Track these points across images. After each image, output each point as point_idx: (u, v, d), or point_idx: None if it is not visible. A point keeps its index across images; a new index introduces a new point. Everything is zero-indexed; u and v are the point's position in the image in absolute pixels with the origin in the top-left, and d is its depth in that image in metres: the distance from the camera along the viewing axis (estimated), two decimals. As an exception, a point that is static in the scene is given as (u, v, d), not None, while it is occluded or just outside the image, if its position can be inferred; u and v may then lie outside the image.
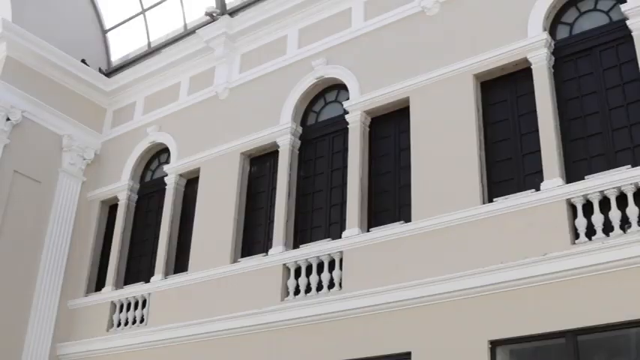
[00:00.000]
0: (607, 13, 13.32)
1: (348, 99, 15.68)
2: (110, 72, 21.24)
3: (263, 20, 17.78)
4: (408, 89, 14.76)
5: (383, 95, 15.11)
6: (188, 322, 15.86)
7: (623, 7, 12.67)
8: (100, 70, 20.97)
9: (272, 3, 17.59)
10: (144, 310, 17.08)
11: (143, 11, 21.22)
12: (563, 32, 13.70)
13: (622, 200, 11.63)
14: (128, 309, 17.52)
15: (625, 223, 11.47)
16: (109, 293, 17.89)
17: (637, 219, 11.34)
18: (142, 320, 17.05)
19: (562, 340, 11.44)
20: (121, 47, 21.90)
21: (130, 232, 18.89)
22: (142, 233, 18.78)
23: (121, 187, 19.20)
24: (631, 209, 11.42)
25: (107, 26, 22.11)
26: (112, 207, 19.62)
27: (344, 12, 16.59)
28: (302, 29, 17.24)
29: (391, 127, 15.21)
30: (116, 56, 21.86)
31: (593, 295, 11.27)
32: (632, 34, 12.52)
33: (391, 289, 13.21)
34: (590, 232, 11.73)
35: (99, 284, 18.63)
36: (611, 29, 13.10)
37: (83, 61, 20.36)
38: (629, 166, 11.73)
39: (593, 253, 11.40)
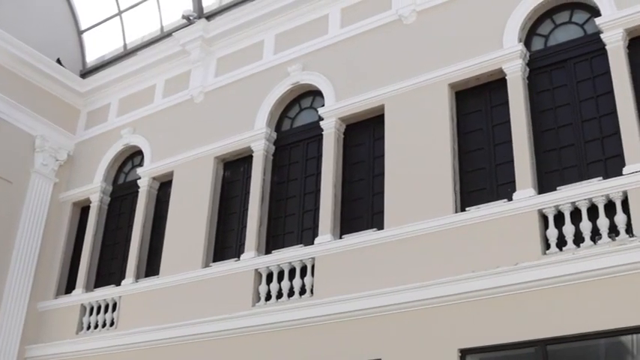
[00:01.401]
0: (582, 26, 13.44)
1: (323, 105, 15.70)
2: (85, 73, 21.15)
3: (240, 25, 17.76)
4: (384, 97, 14.80)
5: (358, 102, 15.14)
6: (158, 326, 15.79)
7: (598, 20, 12.79)
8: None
9: (249, 8, 17.57)
10: (114, 313, 16.97)
11: (120, 13, 21.15)
12: (538, 44, 13.79)
13: (593, 212, 11.72)
14: (98, 312, 17.40)
15: (595, 235, 11.57)
16: (79, 296, 17.76)
17: (607, 230, 11.45)
18: (111, 323, 16.92)
19: (532, 350, 11.50)
20: (96, 48, 21.79)
21: (102, 235, 18.77)
22: (114, 236, 18.66)
23: (94, 189, 19.07)
24: (601, 221, 11.52)
25: (83, 27, 22.02)
26: (84, 209, 19.49)
27: (321, 19, 16.61)
28: (278, 35, 17.24)
29: (366, 134, 15.24)
30: (91, 57, 21.77)
31: (563, 305, 11.34)
32: (606, 47, 12.65)
33: (362, 296, 13.22)
34: (561, 242, 11.81)
35: (69, 286, 18.49)
36: (585, 42, 13.22)
37: (58, 61, 20.24)
38: (601, 178, 11.84)
39: (563, 264, 11.48)
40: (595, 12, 13.13)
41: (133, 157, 19.33)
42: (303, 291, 14.30)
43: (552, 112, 13.12)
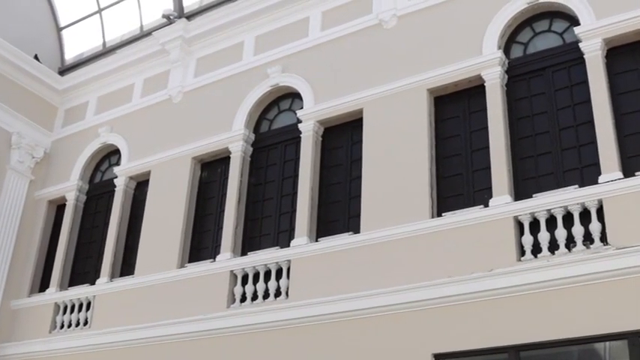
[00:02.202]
0: (561, 34, 13.52)
1: (302, 108, 15.69)
2: (63, 70, 21.03)
3: (220, 25, 17.73)
4: (362, 101, 14.82)
5: (337, 106, 15.15)
6: (133, 326, 15.72)
7: (577, 29, 12.88)
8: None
9: (230, 9, 17.55)
10: (88, 312, 16.86)
11: (99, 10, 21.03)
12: (517, 51, 13.87)
13: (568, 219, 11.79)
14: (72, 311, 17.29)
15: (570, 242, 11.63)
16: (53, 294, 17.64)
17: (582, 238, 11.52)
18: (85, 323, 16.82)
19: (505, 356, 11.54)
20: (75, 46, 21.65)
21: (77, 234, 18.65)
22: (89, 235, 18.56)
23: (70, 187, 18.96)
24: (577, 229, 11.59)
25: (62, 24, 21.86)
26: (59, 207, 19.37)
27: (301, 21, 16.61)
28: (259, 36, 17.22)
29: (344, 137, 15.25)
30: (70, 54, 21.61)
31: (536, 311, 11.40)
32: (585, 56, 12.73)
33: (337, 299, 13.24)
34: (536, 249, 11.87)
35: (43, 285, 18.36)
36: (564, 51, 13.31)
37: (36, 57, 20.11)
38: (577, 186, 11.92)
39: (538, 271, 11.55)
40: (574, 21, 13.21)
41: (110, 155, 19.23)
42: (278, 293, 14.28)
43: (530, 119, 13.19)
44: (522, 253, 11.95)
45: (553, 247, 11.74)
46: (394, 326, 12.54)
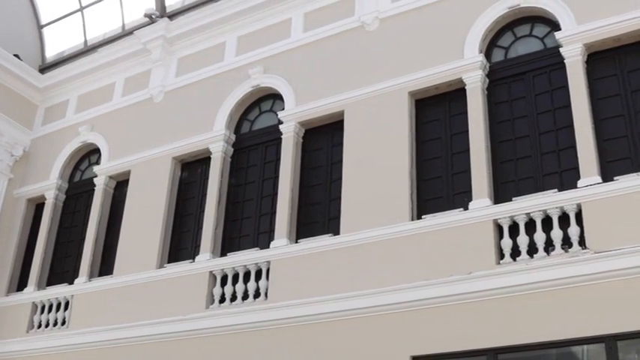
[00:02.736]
0: (542, 39, 13.59)
1: (283, 109, 15.68)
2: (44, 68, 20.92)
3: (202, 25, 17.70)
4: (344, 103, 14.83)
5: (318, 107, 15.15)
6: (111, 326, 15.66)
7: (558, 34, 12.96)
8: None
9: (212, 9, 17.52)
10: (66, 312, 16.79)
11: (81, 8, 20.95)
12: (498, 55, 13.92)
13: (547, 223, 11.85)
14: (50, 310, 17.21)
15: (549, 246, 11.69)
16: (31, 294, 17.54)
17: (561, 242, 11.57)
18: (63, 322, 16.74)
19: (483, 358, 11.60)
20: (56, 43, 21.54)
21: (56, 233, 18.56)
22: (68, 234, 18.47)
23: (49, 185, 18.86)
24: (555, 232, 11.65)
25: (43, 21, 21.75)
26: (38, 206, 19.26)
27: (284, 22, 16.61)
28: (241, 37, 17.20)
29: (325, 139, 15.26)
30: (51, 52, 21.50)
31: (515, 314, 11.44)
32: (565, 61, 12.80)
33: (316, 301, 13.23)
34: (515, 253, 11.91)
35: (21, 284, 18.25)
36: (545, 55, 13.38)
37: (16, 55, 19.98)
38: (556, 190, 11.98)
39: (517, 274, 11.60)
40: (555, 26, 13.28)
41: (90, 154, 19.15)
42: (257, 294, 14.27)
43: (510, 123, 13.25)
44: (501, 256, 12.00)
45: (532, 250, 11.80)
46: (373, 328, 12.55)
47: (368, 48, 15.11)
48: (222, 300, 14.64)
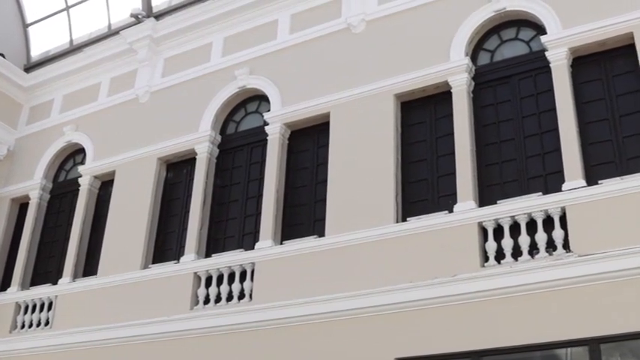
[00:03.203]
0: (527, 43, 13.64)
1: (269, 110, 15.68)
2: (29, 67, 20.83)
3: (189, 26, 17.67)
4: (329, 104, 14.84)
5: (304, 109, 15.15)
6: (95, 327, 15.59)
7: (543, 38, 13.01)
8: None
9: (199, 9, 17.50)
10: (49, 312, 16.71)
11: (67, 8, 20.88)
12: (484, 58, 13.96)
13: (532, 226, 11.89)
14: (33, 311, 17.12)
15: (533, 249, 11.73)
16: (14, 294, 17.44)
17: (545, 245, 11.61)
18: (47, 323, 16.65)
19: (467, 361, 11.64)
20: (41, 43, 21.46)
21: (40, 232, 18.48)
22: (53, 234, 18.39)
23: (34, 185, 18.78)
24: (540, 235, 11.69)
25: (29, 20, 21.67)
26: (22, 205, 19.17)
27: (270, 23, 16.60)
28: (227, 38, 17.18)
29: (310, 141, 15.26)
30: (36, 51, 21.42)
31: (499, 317, 11.48)
32: (551, 65, 12.85)
33: (301, 302, 13.23)
34: (500, 255, 11.95)
35: (4, 284, 18.13)
36: (530, 59, 13.43)
37: (1, 54, 19.89)
38: (541, 193, 12.03)
39: (501, 277, 11.64)
40: (541, 30, 13.34)
41: (74, 154, 19.08)
42: (242, 296, 14.25)
43: (495, 126, 13.29)
44: (486, 259, 12.03)
45: (516, 253, 11.83)
46: (357, 330, 12.55)
47: (354, 50, 15.13)
48: (206, 301, 14.61)
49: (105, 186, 17.93)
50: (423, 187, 13.46)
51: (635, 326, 10.53)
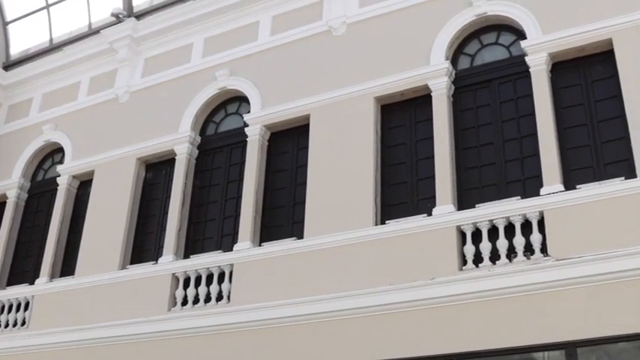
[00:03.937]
0: (507, 47, 13.71)
1: (249, 112, 15.67)
2: (8, 65, 20.69)
3: (169, 26, 17.63)
4: (310, 107, 14.85)
5: (284, 111, 15.15)
6: (72, 328, 15.50)
7: (523, 43, 13.07)
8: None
9: (180, 10, 17.46)
10: (26, 312, 16.59)
11: (47, 6, 20.74)
12: (464, 63, 14.01)
13: (510, 230, 11.93)
14: (10, 311, 16.97)
15: (511, 253, 11.78)
16: (-9, 293, 17.36)
17: (523, 249, 11.66)
18: (23, 323, 16.54)
19: (446, 364, 11.67)
20: (21, 41, 21.34)
21: (17, 232, 18.37)
22: (30, 233, 18.29)
23: (11, 184, 18.67)
24: (518, 239, 11.73)
25: (8, 18, 21.51)
26: (0, 204, 19.05)
27: (251, 25, 16.59)
28: (208, 39, 17.15)
29: (290, 143, 15.26)
30: (16, 50, 21.27)
31: (477, 320, 11.51)
32: (530, 70, 12.92)
33: (280, 304, 13.21)
34: (478, 259, 11.99)
35: (-20, 283, 18.05)
36: (510, 64, 13.50)
37: (-20, 52, 19.82)
38: (519, 197, 12.08)
39: (479, 280, 11.67)
40: (521, 35, 13.41)
41: (53, 154, 18.99)
42: (220, 297, 14.22)
43: (475, 130, 13.33)
44: (464, 262, 12.06)
45: (494, 257, 11.88)
46: (336, 332, 12.55)
47: (335, 53, 15.14)
48: (184, 302, 14.56)
49: (83, 186, 17.85)
50: (402, 190, 13.49)
51: (611, 330, 10.60)
